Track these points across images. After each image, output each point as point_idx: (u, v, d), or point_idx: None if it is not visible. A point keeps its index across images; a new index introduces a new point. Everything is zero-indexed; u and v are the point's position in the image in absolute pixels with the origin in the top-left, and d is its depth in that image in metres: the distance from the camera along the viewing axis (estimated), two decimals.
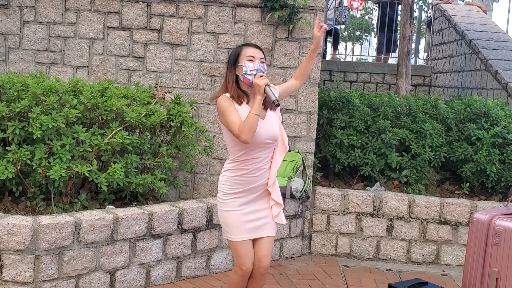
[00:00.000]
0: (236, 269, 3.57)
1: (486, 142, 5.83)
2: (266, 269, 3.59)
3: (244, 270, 3.52)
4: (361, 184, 5.98)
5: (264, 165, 3.52)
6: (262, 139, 3.43)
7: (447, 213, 5.52)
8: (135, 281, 4.47)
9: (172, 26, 5.64)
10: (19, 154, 4.33)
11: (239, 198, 3.51)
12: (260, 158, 3.49)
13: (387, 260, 5.57)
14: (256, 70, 3.42)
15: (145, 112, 4.82)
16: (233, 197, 3.52)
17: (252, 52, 3.48)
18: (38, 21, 5.70)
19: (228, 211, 3.53)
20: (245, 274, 3.55)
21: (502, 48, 8.25)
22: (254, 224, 3.53)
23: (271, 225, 3.59)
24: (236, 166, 3.50)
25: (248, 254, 3.53)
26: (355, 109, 6.04)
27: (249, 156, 3.46)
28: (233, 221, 3.52)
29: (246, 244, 3.52)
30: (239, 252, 3.52)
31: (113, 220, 4.30)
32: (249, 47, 3.52)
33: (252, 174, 3.49)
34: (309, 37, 5.58)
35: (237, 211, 3.51)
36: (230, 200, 3.52)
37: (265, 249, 3.57)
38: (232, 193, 3.52)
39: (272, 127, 3.50)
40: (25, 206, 4.56)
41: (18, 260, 3.92)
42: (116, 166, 4.51)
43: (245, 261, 3.52)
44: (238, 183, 3.50)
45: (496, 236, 3.72)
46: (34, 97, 4.47)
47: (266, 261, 3.56)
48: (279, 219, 3.60)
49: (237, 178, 3.50)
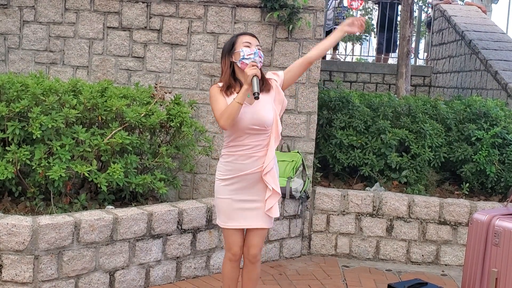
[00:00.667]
0: (226, 253, 3.71)
1: (485, 143, 5.83)
2: (255, 257, 3.67)
3: (232, 253, 3.65)
4: (361, 184, 5.98)
5: (256, 152, 3.52)
6: (246, 125, 3.46)
7: (446, 213, 5.52)
8: (134, 281, 4.47)
9: (172, 26, 5.64)
10: (19, 154, 4.33)
11: (230, 184, 3.57)
12: (249, 146, 3.51)
13: (387, 260, 5.57)
14: (253, 54, 3.45)
15: (144, 112, 4.82)
16: (224, 183, 3.59)
17: (248, 39, 3.54)
18: (38, 21, 5.70)
19: (220, 198, 3.63)
20: (232, 257, 3.66)
21: (502, 48, 8.25)
22: (245, 213, 3.57)
23: (263, 217, 3.60)
24: (227, 152, 3.59)
25: (236, 240, 3.63)
26: (355, 109, 6.04)
27: (237, 142, 3.53)
28: (223, 208, 3.61)
29: (234, 232, 3.62)
30: (228, 237, 3.66)
31: (112, 220, 4.30)
32: (244, 35, 3.58)
33: (241, 161, 3.53)
34: (309, 37, 5.58)
35: (227, 198, 3.58)
36: (222, 186, 3.60)
37: (255, 240, 3.64)
38: (223, 179, 3.59)
39: (261, 113, 3.49)
40: (25, 206, 4.56)
41: (17, 260, 3.92)
42: (116, 166, 4.51)
43: (232, 246, 3.64)
44: (229, 170, 3.57)
45: (495, 237, 3.72)
46: (33, 97, 4.47)
47: (254, 250, 3.65)
48: (272, 213, 3.58)
49: (228, 164, 3.56)
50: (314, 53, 3.71)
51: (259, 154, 3.53)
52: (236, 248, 3.64)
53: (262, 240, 3.68)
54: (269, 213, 3.59)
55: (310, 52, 3.74)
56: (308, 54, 3.72)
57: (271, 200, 3.58)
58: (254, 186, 3.57)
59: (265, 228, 3.65)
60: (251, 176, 3.55)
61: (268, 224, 3.64)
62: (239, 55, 3.48)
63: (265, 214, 3.59)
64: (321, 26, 5.61)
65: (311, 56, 3.70)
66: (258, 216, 3.59)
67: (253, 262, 3.69)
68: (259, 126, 3.49)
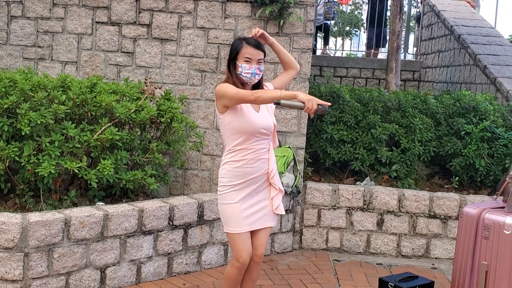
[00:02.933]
0: (233, 261, 3.62)
1: (475, 137, 5.86)
2: (261, 257, 3.67)
3: (241, 262, 3.58)
4: (352, 179, 5.99)
5: (261, 155, 3.59)
6: (258, 127, 3.53)
7: (436, 207, 5.54)
8: (126, 277, 4.45)
9: (161, 21, 5.61)
10: (8, 150, 4.30)
11: (239, 190, 3.56)
12: (255, 149, 3.55)
13: (378, 254, 5.60)
14: (250, 73, 3.52)
15: (134, 108, 4.79)
16: (233, 189, 3.56)
17: (250, 53, 3.54)
18: (26, 16, 5.65)
19: (228, 204, 3.58)
20: (242, 266, 3.60)
21: (491, 43, 8.29)
22: (254, 216, 3.59)
23: (270, 215, 3.67)
24: (234, 157, 3.56)
25: (246, 246, 3.58)
26: (345, 104, 6.05)
27: (245, 145, 3.54)
28: (233, 213, 3.57)
29: (244, 236, 3.58)
30: (237, 244, 3.57)
31: (103, 217, 4.28)
32: (248, 47, 3.56)
33: (250, 165, 3.55)
34: (300, 32, 5.58)
35: (236, 203, 3.56)
36: (229, 192, 3.56)
37: (262, 239, 3.65)
38: (231, 185, 3.56)
39: (267, 118, 3.61)
40: (14, 203, 4.53)
41: (7, 258, 3.89)
42: (106, 162, 4.49)
43: (243, 254, 3.57)
44: (237, 175, 3.55)
45: (485, 230, 3.74)
46: (22, 93, 4.44)
47: (261, 250, 3.65)
48: (279, 210, 3.67)
49: (237, 170, 3.55)
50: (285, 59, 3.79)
51: (265, 156, 3.61)
52: (245, 255, 3.56)
53: (268, 238, 3.76)
54: (277, 211, 3.67)
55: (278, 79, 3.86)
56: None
57: (277, 199, 3.66)
58: (260, 187, 3.62)
59: (272, 226, 3.72)
60: (259, 178, 3.61)
61: (274, 222, 3.73)
62: (238, 68, 3.55)
63: (271, 212, 3.66)
64: (311, 21, 5.61)
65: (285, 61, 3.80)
66: (265, 215, 3.65)
67: (258, 263, 3.68)
68: (266, 130, 3.58)
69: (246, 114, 3.54)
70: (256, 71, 3.53)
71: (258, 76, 3.57)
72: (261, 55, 3.56)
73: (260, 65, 3.55)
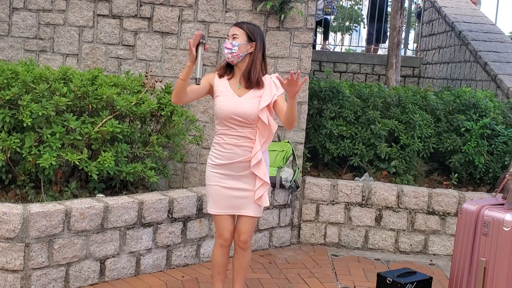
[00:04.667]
0: (216, 239, 3.77)
1: (474, 133, 5.88)
2: (245, 243, 3.73)
3: (222, 239, 3.71)
4: (350, 174, 6.01)
5: (243, 142, 3.61)
6: (227, 114, 3.57)
7: (435, 203, 5.56)
8: (125, 269, 4.47)
9: (162, 14, 5.61)
10: (9, 142, 4.30)
11: (220, 171, 3.63)
12: (235, 135, 3.60)
13: (376, 250, 5.62)
14: (226, 49, 3.59)
15: (135, 101, 4.80)
16: (215, 170, 3.66)
17: (229, 31, 3.66)
18: (28, 8, 5.64)
19: (210, 185, 3.69)
20: (223, 243, 3.72)
21: (491, 39, 8.30)
22: (235, 201, 3.65)
23: (252, 206, 3.67)
24: (216, 140, 3.67)
25: (226, 226, 3.70)
26: (345, 100, 6.06)
27: (223, 130, 3.62)
28: (213, 194, 3.68)
29: (224, 218, 3.69)
30: (217, 223, 3.74)
31: (103, 209, 4.29)
32: (231, 28, 3.69)
33: (230, 150, 3.61)
34: (300, 26, 5.58)
35: (217, 185, 3.65)
36: (212, 172, 3.67)
37: (245, 227, 3.71)
38: (214, 165, 3.66)
39: (246, 106, 3.57)
40: (15, 194, 4.54)
41: (8, 248, 3.91)
42: (106, 154, 4.50)
43: (223, 232, 3.71)
44: (219, 156, 3.64)
45: (484, 226, 3.76)
46: (24, 84, 4.44)
47: (244, 237, 3.71)
48: (261, 201, 3.66)
49: (218, 152, 3.65)
50: (284, 118, 3.63)
51: (247, 144, 3.61)
52: (226, 234, 3.71)
53: (252, 227, 3.75)
54: (259, 202, 3.66)
55: (283, 116, 3.67)
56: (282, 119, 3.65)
57: (261, 190, 3.65)
58: (243, 175, 3.64)
59: (255, 217, 3.71)
60: (240, 165, 3.63)
61: (256, 213, 3.70)
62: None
63: (254, 203, 3.66)
64: (312, 15, 5.61)
65: (287, 116, 3.61)
66: (247, 204, 3.66)
67: (244, 249, 3.74)
68: (241, 118, 3.57)
69: (224, 98, 3.60)
70: (225, 44, 3.59)
71: (229, 50, 3.56)
72: (236, 31, 3.61)
73: (235, 40, 3.58)
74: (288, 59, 5.59)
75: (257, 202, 3.66)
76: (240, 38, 3.58)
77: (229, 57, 3.60)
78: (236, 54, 3.58)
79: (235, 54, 3.58)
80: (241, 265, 3.80)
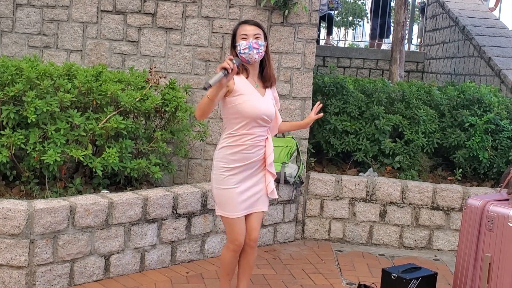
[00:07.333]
0: (228, 244, 3.68)
1: (479, 129, 5.87)
2: (255, 241, 3.73)
3: (236, 245, 3.65)
4: (354, 169, 6.00)
5: (259, 142, 3.61)
6: (261, 113, 3.55)
7: (439, 198, 5.56)
8: (129, 265, 4.48)
9: (166, 10, 5.60)
10: (13, 138, 4.31)
11: (236, 174, 3.58)
12: (255, 135, 3.58)
13: (380, 245, 5.62)
14: (248, 48, 3.50)
15: (139, 96, 4.80)
16: (230, 173, 3.58)
17: (245, 30, 3.56)
18: (31, 4, 5.64)
19: (224, 189, 3.59)
20: (237, 249, 3.68)
21: (495, 34, 8.27)
22: (249, 201, 3.64)
23: (263, 200, 3.72)
24: (233, 142, 3.56)
25: (242, 230, 3.64)
26: (349, 95, 6.05)
27: (245, 130, 3.54)
28: (229, 198, 3.59)
29: (240, 220, 3.63)
30: (233, 228, 3.62)
31: (108, 205, 4.30)
32: (244, 25, 3.60)
33: (248, 151, 3.57)
34: (304, 22, 5.57)
35: (233, 188, 3.58)
36: (227, 177, 3.57)
37: (255, 223, 3.71)
38: (229, 169, 3.57)
39: (271, 106, 3.64)
40: (19, 190, 4.55)
41: (13, 244, 3.92)
42: (111, 150, 4.51)
43: (238, 237, 3.64)
44: (235, 159, 3.57)
45: (489, 222, 3.76)
46: (28, 81, 4.44)
47: (255, 234, 3.71)
48: (273, 194, 3.73)
49: (235, 154, 3.56)
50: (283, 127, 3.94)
51: (262, 144, 3.65)
52: (241, 239, 3.64)
53: (260, 223, 3.79)
54: (271, 195, 3.72)
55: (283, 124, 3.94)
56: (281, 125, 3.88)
57: (272, 183, 3.73)
58: (256, 172, 3.66)
59: (265, 211, 3.77)
60: (255, 163, 3.64)
61: (267, 206, 3.78)
62: (237, 49, 3.55)
63: (265, 196, 3.71)
64: (316, 11, 5.60)
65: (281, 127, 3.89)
66: (259, 199, 3.70)
67: (253, 247, 3.74)
68: (268, 117, 3.60)
69: (251, 97, 3.54)
70: (253, 44, 3.49)
71: (256, 51, 3.51)
72: (257, 31, 3.55)
73: (258, 40, 3.53)
74: (292, 55, 5.58)
75: (269, 196, 3.72)
76: (262, 38, 3.58)
77: (256, 58, 3.54)
78: (262, 53, 3.57)
79: (261, 53, 3.56)
80: (249, 263, 3.80)
